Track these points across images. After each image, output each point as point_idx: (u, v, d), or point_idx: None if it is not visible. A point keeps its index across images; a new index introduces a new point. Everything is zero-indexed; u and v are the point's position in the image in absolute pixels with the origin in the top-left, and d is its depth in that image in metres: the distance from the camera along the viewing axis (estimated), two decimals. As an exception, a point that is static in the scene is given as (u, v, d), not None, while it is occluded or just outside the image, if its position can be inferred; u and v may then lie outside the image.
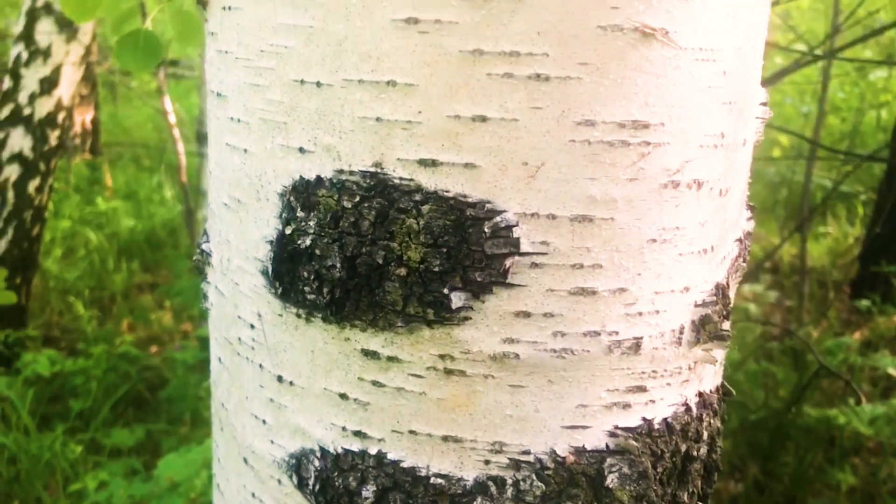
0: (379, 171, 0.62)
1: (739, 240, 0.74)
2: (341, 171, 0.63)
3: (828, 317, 4.40)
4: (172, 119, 5.07)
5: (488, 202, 0.60)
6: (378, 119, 0.61)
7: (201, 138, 4.80)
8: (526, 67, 0.58)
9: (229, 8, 0.68)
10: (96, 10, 1.21)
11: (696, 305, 0.67)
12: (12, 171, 4.14)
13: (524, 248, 0.60)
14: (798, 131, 6.09)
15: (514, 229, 0.60)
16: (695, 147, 0.62)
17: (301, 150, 0.65)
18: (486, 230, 0.60)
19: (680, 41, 0.59)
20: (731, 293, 0.74)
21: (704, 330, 0.67)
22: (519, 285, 0.61)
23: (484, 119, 0.59)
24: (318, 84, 0.63)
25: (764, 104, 0.76)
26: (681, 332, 0.66)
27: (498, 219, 0.60)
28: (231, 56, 0.69)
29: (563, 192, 0.60)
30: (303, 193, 0.65)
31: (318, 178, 0.64)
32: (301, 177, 0.65)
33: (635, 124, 0.59)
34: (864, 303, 4.38)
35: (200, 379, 3.59)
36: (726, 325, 0.70)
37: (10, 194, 4.12)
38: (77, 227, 5.41)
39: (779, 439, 3.22)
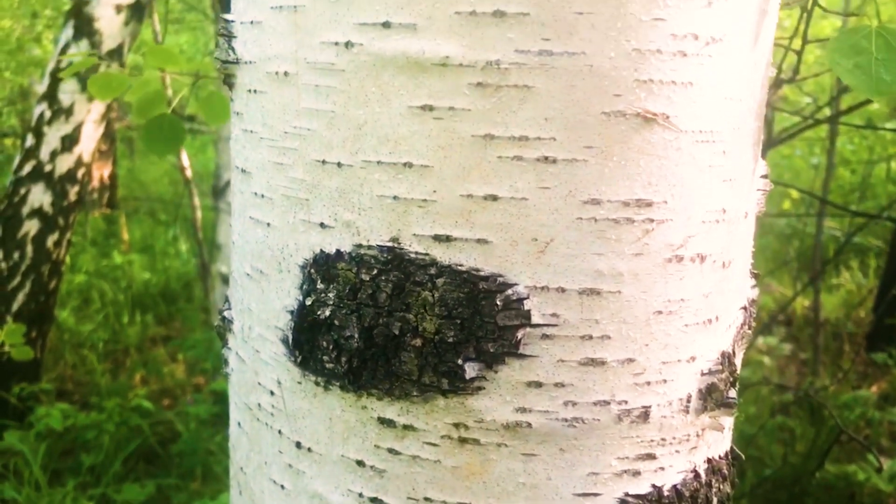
0: (396, 245, 0.65)
1: (744, 307, 0.77)
2: (360, 246, 0.66)
3: (844, 370, 4.36)
4: (189, 173, 5.17)
5: (500, 276, 0.63)
6: (395, 197, 0.64)
7: (217, 193, 4.88)
8: (534, 150, 0.61)
9: (255, 91, 0.73)
10: (121, 91, 1.27)
11: (703, 374, 0.69)
12: (32, 226, 4.22)
13: (535, 319, 0.63)
14: (808, 183, 6.13)
15: (525, 302, 0.63)
16: (697, 223, 0.65)
17: (322, 225, 0.68)
18: (499, 303, 0.63)
19: (680, 125, 0.62)
20: (738, 360, 0.76)
21: (711, 398, 0.69)
22: (530, 356, 0.63)
23: (495, 198, 0.62)
24: (339, 164, 0.66)
25: (765, 176, 0.79)
26: (688, 401, 0.68)
27: (509, 292, 0.63)
28: (256, 136, 0.74)
29: (572, 267, 0.63)
30: (323, 266, 0.68)
31: (338, 252, 0.67)
32: (322, 250, 0.68)
33: (639, 203, 0.62)
34: (881, 356, 4.35)
35: (212, 433, 3.59)
36: (732, 393, 0.71)
37: (29, 249, 4.19)
38: (93, 279, 5.48)
39: (798, 497, 3.17)
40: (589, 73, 0.60)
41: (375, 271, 0.65)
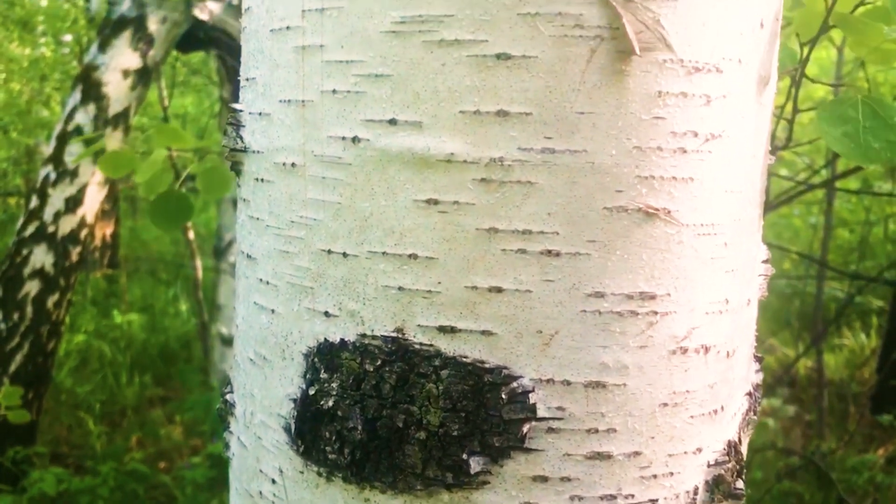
0: (400, 336, 0.65)
1: (749, 393, 0.76)
2: (364, 336, 0.66)
3: (849, 433, 4.30)
4: (191, 233, 5.20)
5: (505, 368, 0.63)
6: (400, 288, 0.65)
7: (219, 253, 4.91)
8: (538, 244, 0.62)
9: (262, 180, 0.74)
10: (130, 169, 1.29)
11: (709, 465, 0.68)
12: (32, 287, 4.21)
13: (541, 413, 0.63)
14: (807, 243, 6.15)
15: (530, 395, 0.63)
16: (701, 314, 0.66)
17: (326, 314, 0.69)
18: (504, 396, 0.63)
19: (682, 219, 0.63)
20: (744, 447, 0.76)
21: (718, 490, 0.68)
22: (536, 450, 0.63)
23: (500, 290, 0.63)
24: (345, 254, 0.67)
25: (766, 261, 0.80)
26: (695, 493, 0.67)
27: (515, 384, 0.63)
28: (262, 223, 0.74)
29: (577, 360, 0.63)
30: (327, 355, 0.68)
31: (342, 342, 0.68)
32: (326, 339, 0.69)
33: (643, 295, 0.63)
34: (886, 418, 4.30)
35: (209, 497, 3.52)
36: (740, 484, 0.71)
37: (29, 309, 4.18)
38: (92, 340, 5.45)
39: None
40: (591, 169, 0.61)
41: (379, 362, 0.65)
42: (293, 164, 0.70)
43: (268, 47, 0.71)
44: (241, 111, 0.78)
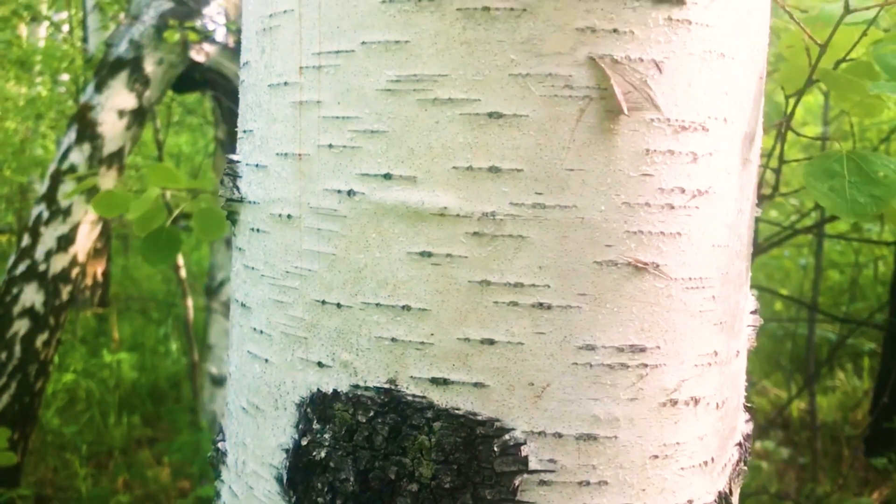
0: (393, 388, 0.66)
1: (739, 444, 0.77)
2: (357, 387, 0.67)
3: (843, 476, 4.27)
4: (183, 272, 5.19)
5: (497, 420, 0.63)
6: (393, 339, 0.65)
7: (210, 292, 4.89)
8: (529, 297, 0.63)
9: (258, 230, 0.75)
10: (124, 209, 1.30)
11: (701, 518, 0.68)
12: (22, 326, 4.18)
13: (532, 465, 0.63)
14: (798, 284, 6.18)
15: (522, 447, 0.63)
16: (690, 367, 0.66)
17: (320, 364, 0.69)
18: (496, 448, 0.63)
19: (670, 273, 0.64)
20: (735, 498, 0.76)
21: (710, 542, 0.68)
22: (528, 502, 0.63)
23: (492, 342, 0.64)
24: (339, 305, 0.68)
25: (754, 312, 0.81)
26: (687, 546, 0.67)
27: (507, 437, 0.63)
28: (257, 273, 0.75)
29: (568, 412, 0.63)
30: (319, 406, 0.69)
31: (335, 392, 0.68)
32: (319, 389, 0.69)
33: (633, 348, 0.64)
34: (880, 461, 4.28)
35: (195, 543, 3.45)
36: (732, 536, 0.71)
37: (17, 349, 4.14)
38: (80, 379, 5.40)
39: None
40: (581, 224, 0.62)
41: (372, 413, 0.66)
42: (289, 216, 0.71)
43: (266, 101, 0.73)
44: (238, 162, 0.79)
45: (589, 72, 0.61)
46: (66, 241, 4.23)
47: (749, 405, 0.82)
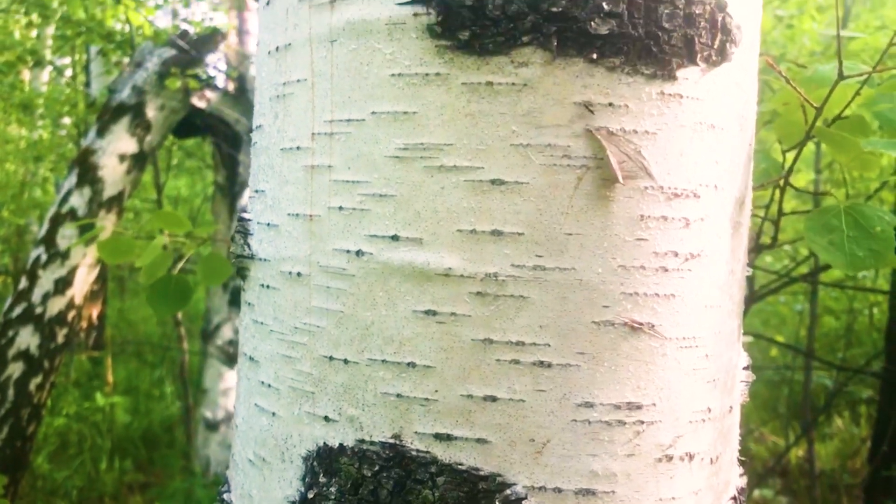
0: (398, 443, 0.68)
1: (734, 498, 0.79)
2: (363, 441, 0.69)
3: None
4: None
5: (499, 475, 0.66)
6: (399, 395, 0.68)
7: (206, 336, 4.89)
8: (530, 355, 0.65)
9: (268, 286, 0.78)
10: (130, 256, 1.32)
11: (697, 572, 0.70)
12: (16, 369, 4.17)
13: (532, 520, 0.65)
14: (794, 330, 6.19)
15: (523, 502, 0.65)
16: (685, 423, 0.69)
17: (326, 418, 0.71)
18: (498, 502, 0.65)
19: (665, 333, 0.67)
20: (731, 552, 0.77)
21: None
22: (528, 556, 0.65)
23: (494, 399, 0.66)
24: (346, 361, 0.70)
25: (747, 367, 0.84)
26: None
27: (508, 492, 0.65)
28: (266, 327, 0.78)
29: (568, 467, 0.65)
30: (326, 459, 0.71)
31: (341, 447, 0.70)
32: (325, 443, 0.71)
33: (629, 405, 0.66)
34: (879, 510, 4.24)
35: None
36: (728, 590, 0.72)
37: (11, 392, 4.12)
38: (72, 423, 5.35)
39: None
40: (579, 286, 0.65)
41: (377, 467, 0.68)
42: (299, 274, 0.74)
43: (278, 164, 0.77)
44: (249, 220, 0.82)
45: (586, 142, 0.65)
46: (63, 284, 4.24)
47: (743, 459, 0.84)
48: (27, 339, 4.22)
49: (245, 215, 0.84)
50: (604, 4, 0.63)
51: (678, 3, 0.65)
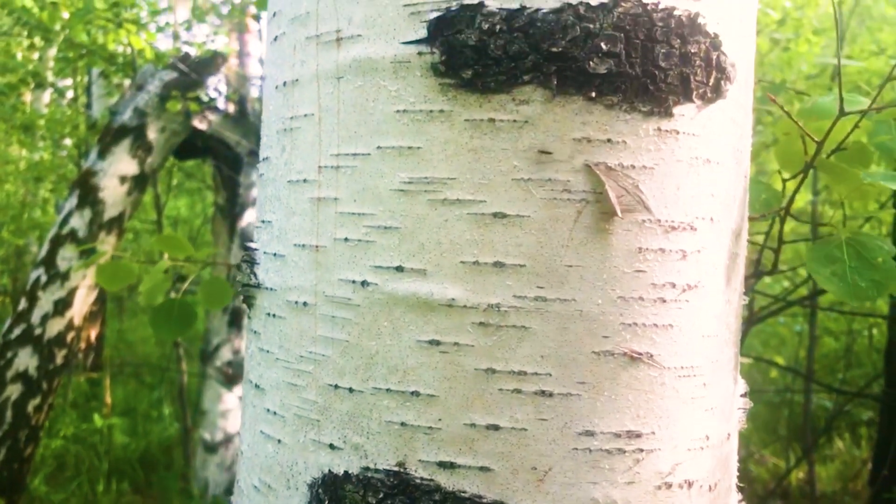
0: (402, 470, 0.69)
1: (733, 524, 0.80)
2: (367, 469, 0.70)
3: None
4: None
5: (502, 503, 0.67)
6: (403, 424, 0.69)
7: (205, 358, 4.89)
8: (532, 385, 0.67)
9: (274, 315, 0.79)
10: (129, 281, 1.33)
11: None
12: (14, 391, 4.16)
13: (534, 547, 0.66)
14: (793, 350, 6.19)
15: (525, 529, 0.66)
16: (683, 451, 0.70)
17: (331, 446, 0.72)
18: (500, 530, 0.66)
19: (663, 362, 0.69)
20: (731, 578, 0.78)
21: None
22: (530, 584, 0.66)
23: (497, 428, 0.67)
24: (351, 390, 0.72)
25: (744, 395, 0.85)
26: None
27: (510, 519, 0.66)
28: (272, 356, 0.79)
29: (569, 495, 0.67)
30: (331, 487, 0.72)
31: (346, 474, 0.71)
32: (330, 471, 0.72)
33: (629, 434, 0.68)
34: (881, 533, 4.22)
35: None
36: None
37: (9, 413, 4.11)
38: (70, 445, 5.33)
39: None
40: (579, 317, 0.67)
41: (382, 495, 0.69)
42: (305, 303, 0.75)
43: (284, 196, 0.78)
44: (256, 250, 0.84)
45: (585, 177, 0.67)
46: (62, 305, 4.25)
47: (741, 485, 0.85)
48: (26, 360, 4.21)
49: (252, 245, 0.85)
50: (602, 45, 0.65)
51: (674, 42, 0.67)
